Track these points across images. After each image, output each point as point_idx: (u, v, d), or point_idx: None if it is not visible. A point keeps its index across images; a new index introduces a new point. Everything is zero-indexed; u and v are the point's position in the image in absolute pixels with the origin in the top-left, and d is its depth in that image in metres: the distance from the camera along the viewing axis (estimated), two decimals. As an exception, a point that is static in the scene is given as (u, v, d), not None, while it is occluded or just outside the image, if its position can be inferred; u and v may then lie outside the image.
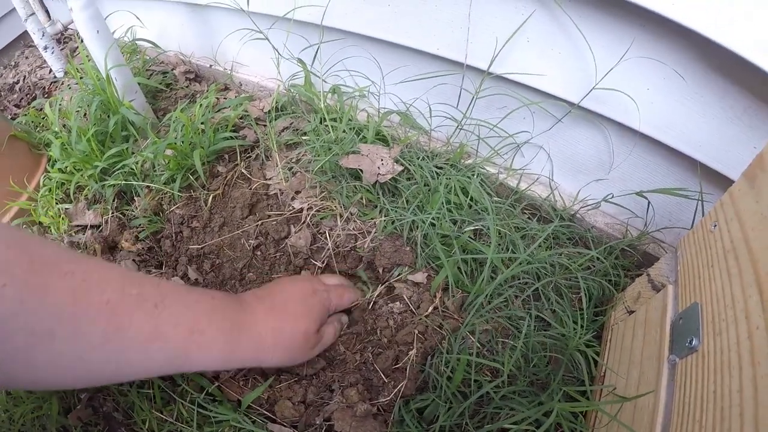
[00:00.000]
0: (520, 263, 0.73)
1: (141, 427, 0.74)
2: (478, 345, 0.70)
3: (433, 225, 0.76)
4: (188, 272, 0.87)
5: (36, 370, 0.44)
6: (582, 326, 0.71)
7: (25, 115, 1.32)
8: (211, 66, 1.23)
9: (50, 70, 1.57)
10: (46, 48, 1.42)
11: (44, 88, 1.54)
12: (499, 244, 0.77)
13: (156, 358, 0.51)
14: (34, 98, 1.49)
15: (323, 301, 0.66)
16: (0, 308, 0.39)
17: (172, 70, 1.28)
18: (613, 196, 0.82)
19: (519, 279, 0.76)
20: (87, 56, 1.08)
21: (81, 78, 1.15)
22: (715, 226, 0.51)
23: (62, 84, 1.47)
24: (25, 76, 1.64)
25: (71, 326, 0.44)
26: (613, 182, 0.83)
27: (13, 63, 1.77)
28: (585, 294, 0.73)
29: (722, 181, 0.69)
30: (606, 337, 0.72)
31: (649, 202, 0.78)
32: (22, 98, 1.54)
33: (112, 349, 0.47)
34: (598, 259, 0.79)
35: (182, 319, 0.52)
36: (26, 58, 1.76)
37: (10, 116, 1.48)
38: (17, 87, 1.61)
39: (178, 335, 0.52)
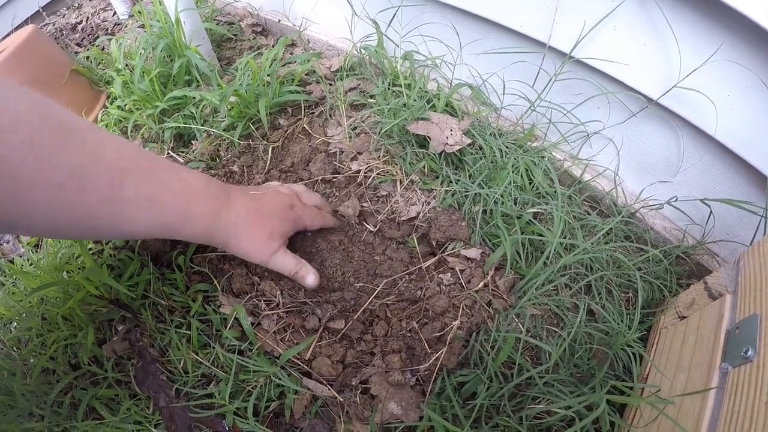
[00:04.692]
0: (577, 253, 0.72)
1: (176, 366, 0.74)
2: (524, 329, 0.69)
3: (496, 202, 0.75)
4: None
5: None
6: (629, 326, 0.69)
7: (87, 50, 1.34)
8: (279, 21, 1.23)
9: (114, 13, 1.59)
10: (112, -10, 1.44)
11: (107, 29, 1.55)
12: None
13: (147, 221, 0.60)
14: (96, 38, 1.51)
15: (296, 218, 0.74)
16: (13, 157, 0.46)
17: (238, 21, 1.27)
18: (677, 199, 0.80)
19: (572, 269, 0.75)
20: (158, -3, 1.09)
21: (148, 21, 1.16)
22: (783, 241, 0.50)
23: (125, 27, 1.48)
24: (88, 17, 1.66)
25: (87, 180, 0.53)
26: (677, 186, 0.81)
27: (76, 4, 1.79)
28: (641, 293, 0.72)
29: (787, 201, 0.67)
30: (653, 339, 0.71)
31: (711, 212, 0.76)
32: (84, 38, 1.56)
33: (113, 205, 0.56)
34: (655, 260, 0.78)
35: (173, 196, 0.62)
36: (90, 0, 1.79)
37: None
38: (79, 27, 1.63)
39: (171, 208, 0.62)
